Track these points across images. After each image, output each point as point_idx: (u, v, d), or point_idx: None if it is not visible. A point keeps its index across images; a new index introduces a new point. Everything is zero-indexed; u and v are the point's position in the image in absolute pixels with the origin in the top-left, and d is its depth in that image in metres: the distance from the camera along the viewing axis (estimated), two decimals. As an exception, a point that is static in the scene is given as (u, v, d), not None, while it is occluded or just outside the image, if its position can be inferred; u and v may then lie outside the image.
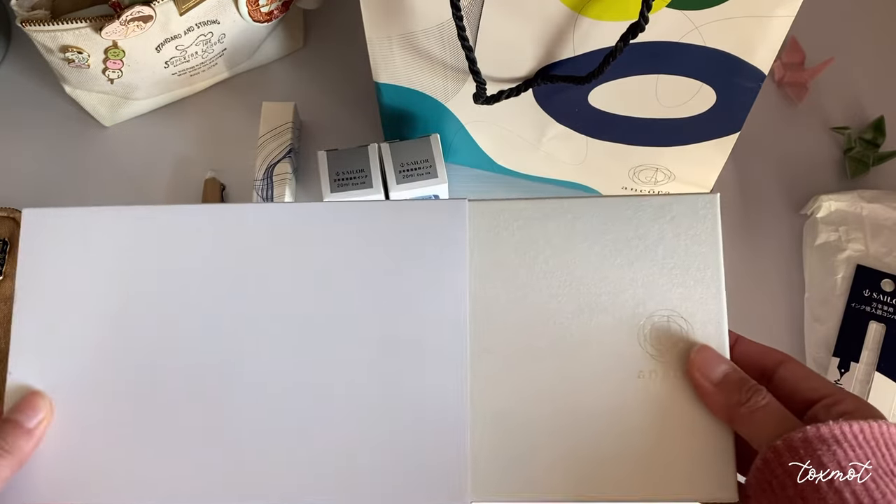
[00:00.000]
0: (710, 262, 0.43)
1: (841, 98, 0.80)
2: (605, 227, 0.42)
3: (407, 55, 0.64)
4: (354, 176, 0.68)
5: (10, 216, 0.69)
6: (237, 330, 0.41)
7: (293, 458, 0.39)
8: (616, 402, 0.40)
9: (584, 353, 0.41)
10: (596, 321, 0.41)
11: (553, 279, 0.42)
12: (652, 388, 0.41)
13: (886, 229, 0.70)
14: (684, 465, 0.40)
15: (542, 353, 0.41)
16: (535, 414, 0.40)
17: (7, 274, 0.67)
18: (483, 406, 0.40)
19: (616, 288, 0.42)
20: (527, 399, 0.40)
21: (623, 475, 0.40)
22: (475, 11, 0.58)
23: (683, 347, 0.41)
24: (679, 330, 0.42)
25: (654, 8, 0.54)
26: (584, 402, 0.40)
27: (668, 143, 0.66)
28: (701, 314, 0.42)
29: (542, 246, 0.42)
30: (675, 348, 0.41)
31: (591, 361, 0.41)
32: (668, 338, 0.41)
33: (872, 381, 0.65)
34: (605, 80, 0.61)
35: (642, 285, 0.42)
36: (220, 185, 0.75)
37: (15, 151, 0.78)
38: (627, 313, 0.42)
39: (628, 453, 0.40)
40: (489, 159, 0.74)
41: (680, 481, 0.39)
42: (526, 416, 0.40)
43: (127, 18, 0.64)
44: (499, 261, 0.42)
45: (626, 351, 0.41)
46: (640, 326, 0.41)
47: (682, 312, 0.42)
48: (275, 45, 0.80)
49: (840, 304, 0.68)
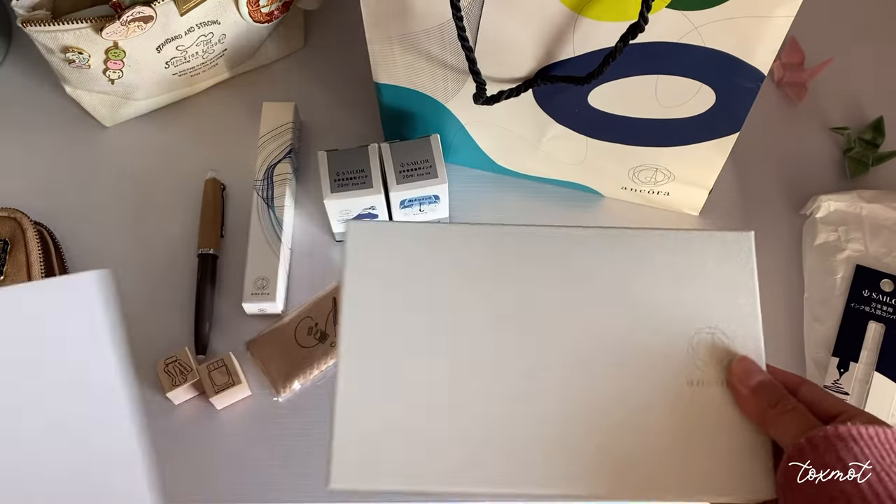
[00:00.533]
0: (748, 289, 0.49)
1: (840, 98, 0.80)
2: (655, 255, 0.49)
3: (407, 55, 0.64)
4: (354, 176, 0.68)
5: (11, 216, 0.69)
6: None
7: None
8: (668, 407, 0.46)
9: (641, 364, 0.47)
10: (651, 337, 0.47)
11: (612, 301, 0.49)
12: (700, 395, 0.46)
13: (886, 229, 0.70)
14: (726, 465, 0.45)
15: (603, 363, 0.47)
16: (597, 416, 0.46)
17: (7, 274, 0.67)
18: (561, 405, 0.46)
19: (668, 308, 0.48)
20: (594, 403, 0.46)
21: (671, 475, 0.45)
22: (475, 12, 0.58)
23: (725, 359, 0.47)
24: (722, 344, 0.47)
25: (654, 8, 0.54)
26: (640, 408, 0.46)
27: (668, 143, 0.66)
28: (741, 331, 0.47)
29: (607, 272, 0.49)
30: (718, 360, 0.47)
31: (646, 372, 0.46)
32: (713, 351, 0.47)
33: (872, 381, 0.65)
34: (605, 81, 0.61)
35: (690, 306, 0.48)
36: (221, 185, 0.75)
37: (15, 151, 0.78)
38: (678, 329, 0.47)
39: (676, 453, 0.45)
40: (489, 159, 0.74)
41: (722, 480, 0.44)
42: (590, 417, 0.46)
43: (128, 19, 0.64)
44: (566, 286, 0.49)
45: (676, 361, 0.47)
46: (690, 338, 0.47)
47: (725, 329, 0.47)
48: (275, 46, 0.80)
49: (839, 304, 0.68)
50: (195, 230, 0.74)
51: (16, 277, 0.67)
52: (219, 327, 0.71)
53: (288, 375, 0.68)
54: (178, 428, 0.67)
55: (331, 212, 0.69)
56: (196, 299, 0.70)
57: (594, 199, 0.76)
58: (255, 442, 0.66)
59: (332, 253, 0.74)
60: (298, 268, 0.73)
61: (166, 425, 0.67)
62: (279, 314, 0.71)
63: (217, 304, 0.71)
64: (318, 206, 0.75)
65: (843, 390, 0.65)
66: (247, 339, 0.70)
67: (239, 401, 0.68)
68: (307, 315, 0.70)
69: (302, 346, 0.69)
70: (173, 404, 0.67)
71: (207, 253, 0.72)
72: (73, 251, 0.73)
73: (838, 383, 0.65)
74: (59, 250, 0.72)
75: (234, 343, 0.70)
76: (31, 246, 0.68)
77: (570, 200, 0.75)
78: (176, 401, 0.67)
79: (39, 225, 0.72)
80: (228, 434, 0.67)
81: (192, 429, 0.67)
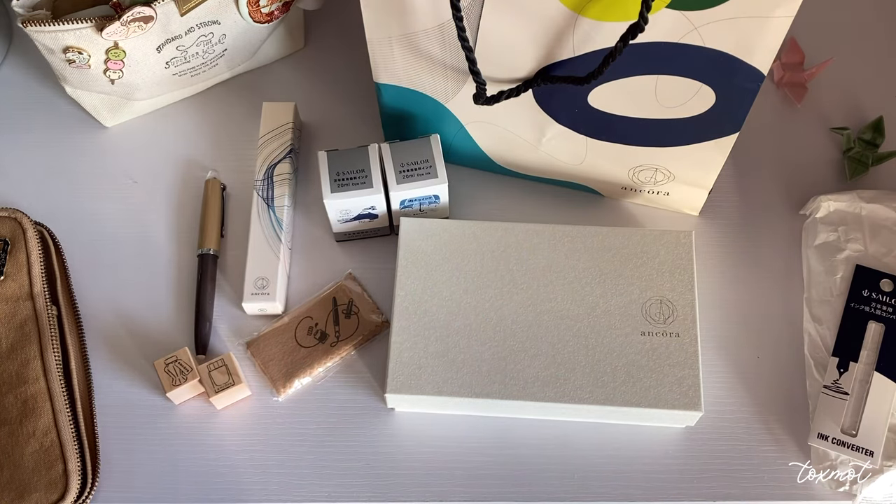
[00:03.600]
0: (687, 270, 0.67)
1: (840, 98, 0.80)
2: (622, 246, 0.68)
3: (407, 56, 0.64)
4: (354, 176, 0.68)
5: (11, 216, 0.69)
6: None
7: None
8: (626, 349, 0.65)
9: (608, 320, 0.66)
10: (615, 301, 0.67)
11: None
12: (648, 342, 0.65)
13: (885, 229, 0.70)
14: (667, 387, 0.63)
15: (581, 318, 0.66)
16: (575, 354, 0.65)
17: (8, 274, 0.67)
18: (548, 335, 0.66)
19: (628, 283, 0.67)
20: (574, 345, 0.65)
21: (628, 392, 0.63)
22: (475, 12, 0.58)
23: (668, 320, 0.66)
24: (666, 307, 0.66)
25: (654, 9, 0.54)
26: (607, 349, 0.65)
27: (668, 144, 0.66)
28: (681, 299, 0.66)
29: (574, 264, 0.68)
30: (664, 319, 0.66)
31: (611, 324, 0.66)
32: (660, 311, 0.66)
33: (871, 381, 0.65)
34: (605, 81, 0.61)
35: (645, 281, 0.67)
36: (221, 185, 0.75)
37: (16, 152, 0.78)
38: (635, 296, 0.67)
39: (631, 378, 0.64)
40: (489, 159, 0.74)
41: (663, 397, 0.63)
42: (570, 354, 0.65)
43: (128, 19, 0.64)
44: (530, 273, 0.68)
45: (633, 318, 0.66)
46: (643, 303, 0.66)
47: (668, 297, 0.66)
48: (275, 46, 0.80)
49: (839, 304, 0.68)
50: (195, 230, 0.74)
51: (16, 277, 0.67)
52: (219, 327, 0.71)
53: (288, 375, 0.68)
54: (178, 428, 0.67)
55: (331, 212, 0.69)
56: (196, 299, 0.70)
57: (594, 199, 0.76)
58: (255, 442, 0.66)
59: (332, 253, 0.74)
60: (298, 268, 0.73)
61: (166, 425, 0.67)
62: (279, 314, 0.71)
63: (217, 304, 0.71)
64: (318, 206, 0.75)
65: (843, 390, 0.65)
66: (247, 339, 0.70)
67: (239, 401, 0.68)
68: (307, 315, 0.70)
69: (302, 346, 0.69)
70: (173, 404, 0.68)
71: (207, 253, 0.72)
72: (73, 251, 0.73)
73: (838, 383, 0.65)
74: (59, 250, 0.73)
75: (234, 343, 0.70)
76: (31, 246, 0.68)
77: (570, 200, 0.75)
78: (176, 401, 0.67)
79: (39, 225, 0.72)
80: (228, 434, 0.67)
81: (192, 429, 0.67)
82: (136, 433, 0.67)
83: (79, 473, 0.63)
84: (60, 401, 0.64)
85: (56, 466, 0.62)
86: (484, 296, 0.67)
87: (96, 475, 0.64)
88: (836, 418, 0.64)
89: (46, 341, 0.66)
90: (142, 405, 0.68)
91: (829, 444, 0.63)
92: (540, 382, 0.64)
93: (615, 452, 0.66)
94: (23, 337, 0.66)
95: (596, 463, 0.66)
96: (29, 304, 0.67)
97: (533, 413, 0.66)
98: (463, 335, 0.65)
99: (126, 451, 0.66)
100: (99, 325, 0.71)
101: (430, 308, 0.66)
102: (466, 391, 0.64)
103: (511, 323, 0.66)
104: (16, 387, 0.64)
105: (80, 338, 0.70)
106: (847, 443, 0.63)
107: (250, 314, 0.71)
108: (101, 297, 0.72)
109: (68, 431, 0.63)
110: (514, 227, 0.69)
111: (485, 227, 0.69)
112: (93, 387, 0.68)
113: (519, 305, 0.66)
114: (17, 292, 0.67)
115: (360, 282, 0.72)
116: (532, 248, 0.68)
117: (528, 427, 0.67)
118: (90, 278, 0.72)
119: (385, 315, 0.71)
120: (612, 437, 0.66)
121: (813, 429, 0.64)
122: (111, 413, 0.67)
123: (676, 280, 0.67)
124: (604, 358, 0.64)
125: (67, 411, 0.64)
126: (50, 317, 0.67)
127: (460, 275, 0.67)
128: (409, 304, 0.66)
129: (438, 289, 0.67)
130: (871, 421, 0.63)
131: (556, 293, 0.67)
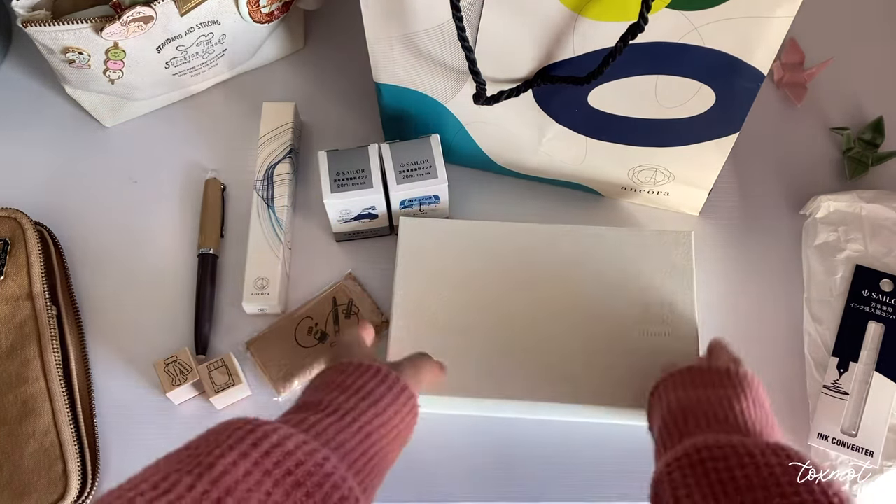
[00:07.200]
0: (687, 271, 0.67)
1: (840, 98, 0.80)
2: (624, 247, 0.68)
3: (407, 56, 0.64)
4: (354, 176, 0.68)
5: (11, 216, 0.69)
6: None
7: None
8: (626, 347, 0.65)
9: (609, 319, 0.66)
10: (617, 301, 0.66)
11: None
12: (647, 341, 0.65)
13: (885, 229, 0.70)
14: None
15: (584, 318, 0.66)
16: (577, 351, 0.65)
17: (7, 274, 0.67)
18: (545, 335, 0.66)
19: (629, 283, 0.67)
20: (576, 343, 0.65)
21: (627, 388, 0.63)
22: (475, 12, 0.58)
23: (667, 318, 0.66)
24: (667, 308, 0.66)
25: (654, 9, 0.54)
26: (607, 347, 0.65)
27: (668, 144, 0.66)
28: (680, 301, 0.66)
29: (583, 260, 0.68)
30: (662, 319, 0.66)
31: (613, 323, 0.66)
32: (659, 312, 0.66)
33: (871, 381, 0.65)
34: (605, 81, 0.61)
35: (645, 281, 0.67)
36: (221, 185, 0.75)
37: (16, 152, 0.78)
38: (636, 297, 0.66)
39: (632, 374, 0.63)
40: (489, 159, 0.74)
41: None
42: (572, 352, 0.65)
43: (128, 19, 0.64)
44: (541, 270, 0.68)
45: (633, 318, 0.66)
46: (644, 303, 0.66)
47: (669, 299, 0.66)
48: (275, 46, 0.80)
49: (839, 304, 0.68)
50: (195, 230, 0.74)
51: (16, 277, 0.67)
52: (219, 327, 0.71)
53: (288, 375, 0.68)
54: (178, 428, 0.67)
55: (331, 212, 0.69)
56: (196, 299, 0.70)
57: (594, 199, 0.76)
58: (255, 442, 0.66)
59: (332, 253, 0.74)
60: (298, 268, 0.73)
61: (166, 425, 0.67)
62: (279, 314, 0.71)
63: (217, 304, 0.71)
64: (318, 206, 0.75)
65: (843, 390, 0.65)
66: (247, 339, 0.70)
67: (239, 401, 0.68)
68: (307, 315, 0.70)
69: (302, 346, 0.69)
70: (173, 404, 0.68)
71: (207, 253, 0.72)
72: (73, 251, 0.73)
73: (838, 383, 0.65)
74: (59, 250, 0.73)
75: (234, 343, 0.70)
76: (31, 246, 0.68)
77: (570, 200, 0.75)
78: (176, 401, 0.67)
79: (39, 225, 0.72)
80: (228, 434, 0.67)
81: (192, 429, 0.67)
82: (136, 433, 0.67)
83: (79, 473, 0.63)
84: (60, 401, 0.64)
85: (56, 466, 0.62)
86: (484, 296, 0.66)
87: (96, 475, 0.64)
88: (836, 418, 0.64)
89: (46, 341, 0.66)
90: (142, 405, 0.68)
91: (829, 444, 0.63)
92: (540, 382, 0.64)
93: (615, 452, 0.66)
94: (23, 337, 0.66)
95: (596, 463, 0.66)
96: (29, 304, 0.67)
97: (533, 413, 0.66)
98: (462, 335, 0.65)
99: (126, 451, 0.66)
100: (99, 326, 0.71)
101: (430, 308, 0.66)
102: (466, 391, 0.63)
103: (511, 323, 0.66)
104: (15, 387, 0.64)
105: (80, 338, 0.70)
106: (847, 443, 0.63)
107: (250, 314, 0.71)
108: (101, 297, 0.72)
109: (68, 431, 0.63)
110: (514, 227, 0.69)
111: (485, 227, 0.69)
112: (93, 387, 0.68)
113: (518, 305, 0.66)
114: (16, 292, 0.67)
115: (359, 282, 0.72)
116: (532, 247, 0.68)
117: (528, 427, 0.67)
118: (90, 278, 0.72)
119: (385, 315, 0.71)
120: (612, 437, 0.66)
121: (813, 429, 0.64)
122: (111, 413, 0.67)
123: (676, 280, 0.67)
124: (603, 358, 0.64)
125: (67, 411, 0.64)
126: (50, 317, 0.67)
127: (460, 275, 0.67)
128: (408, 303, 0.66)
129: (438, 289, 0.67)
130: (871, 421, 0.63)
131: (555, 293, 0.66)
